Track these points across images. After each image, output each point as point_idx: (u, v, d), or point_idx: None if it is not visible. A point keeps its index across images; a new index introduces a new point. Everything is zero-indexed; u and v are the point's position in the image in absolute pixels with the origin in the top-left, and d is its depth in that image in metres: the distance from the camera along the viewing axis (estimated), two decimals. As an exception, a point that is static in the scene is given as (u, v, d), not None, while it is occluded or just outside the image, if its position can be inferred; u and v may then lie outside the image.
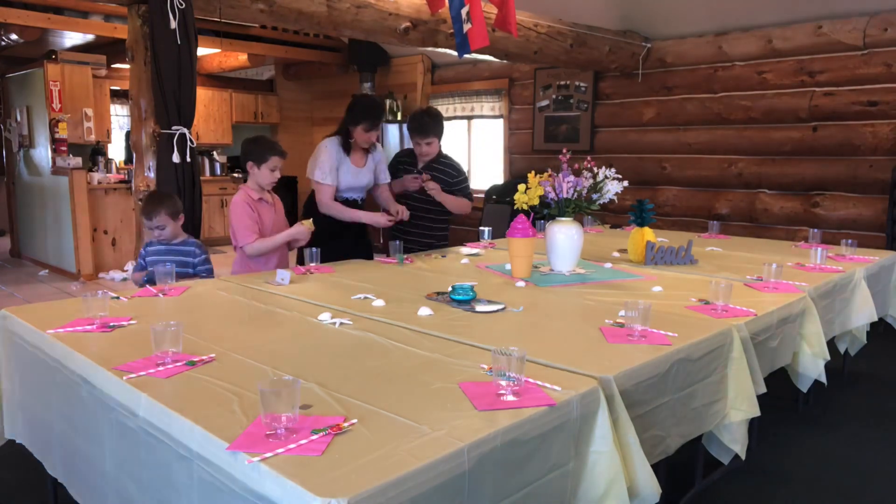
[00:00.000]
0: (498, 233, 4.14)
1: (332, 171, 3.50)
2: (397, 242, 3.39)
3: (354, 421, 1.35)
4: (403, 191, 3.89)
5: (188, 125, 3.38)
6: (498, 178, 7.72)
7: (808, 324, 2.64)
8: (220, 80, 9.22)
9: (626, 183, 3.06)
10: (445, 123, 9.52)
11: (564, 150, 3.09)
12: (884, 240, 4.98)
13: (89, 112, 7.36)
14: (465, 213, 4.01)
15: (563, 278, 2.90)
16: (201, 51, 7.11)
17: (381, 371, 1.69)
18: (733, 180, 5.86)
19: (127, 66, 3.54)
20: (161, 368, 1.67)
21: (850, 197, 5.25)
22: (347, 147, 3.56)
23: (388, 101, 8.05)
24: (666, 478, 2.00)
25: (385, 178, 3.79)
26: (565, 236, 2.96)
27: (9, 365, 2.24)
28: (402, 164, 3.99)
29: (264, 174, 3.24)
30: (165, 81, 3.26)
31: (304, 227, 3.21)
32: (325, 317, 2.18)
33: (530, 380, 1.56)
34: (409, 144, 8.16)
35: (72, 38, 7.06)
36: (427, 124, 3.80)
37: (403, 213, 3.59)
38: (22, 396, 2.17)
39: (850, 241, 3.59)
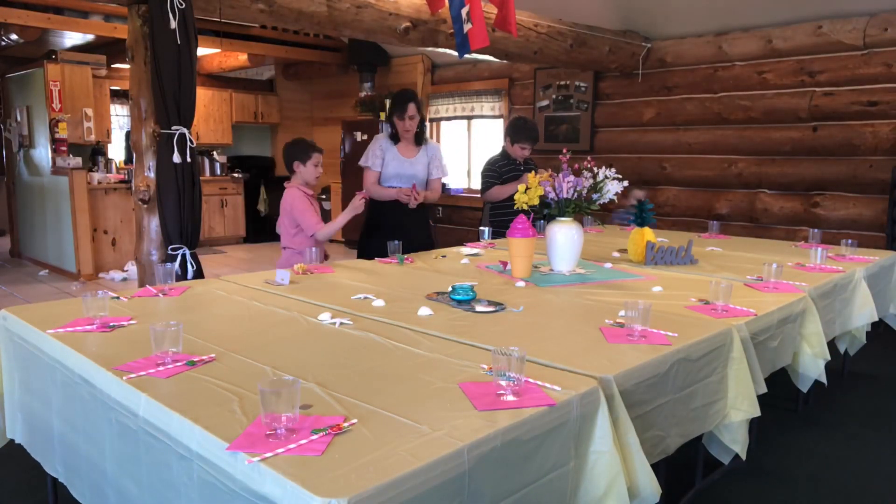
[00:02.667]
0: (498, 233, 4.14)
1: (374, 157, 3.87)
2: (396, 242, 3.39)
3: (354, 421, 1.35)
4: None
5: (188, 125, 3.38)
6: (498, 178, 7.71)
7: (809, 324, 2.64)
8: (220, 80, 9.22)
9: (626, 183, 3.05)
10: (445, 123, 9.49)
11: (564, 150, 3.09)
12: (884, 240, 4.98)
13: (89, 112, 7.36)
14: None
15: (563, 278, 2.90)
16: (201, 51, 7.11)
17: (381, 371, 1.69)
18: (733, 180, 5.86)
19: (127, 66, 3.54)
20: (161, 368, 1.67)
21: (850, 197, 5.25)
22: (395, 138, 3.90)
23: (387, 101, 8.04)
24: (666, 478, 2.00)
25: (438, 173, 4.01)
26: (565, 236, 2.96)
27: (9, 365, 2.24)
28: (505, 169, 4.35)
29: (310, 170, 3.54)
30: (165, 81, 3.26)
31: (358, 197, 3.50)
32: (325, 317, 2.18)
33: (530, 380, 1.56)
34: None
35: (72, 38, 7.06)
36: (534, 133, 4.40)
37: (419, 195, 3.79)
38: (21, 397, 2.17)
39: (850, 240, 3.59)
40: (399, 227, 3.77)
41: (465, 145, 8.22)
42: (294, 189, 3.54)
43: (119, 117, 8.58)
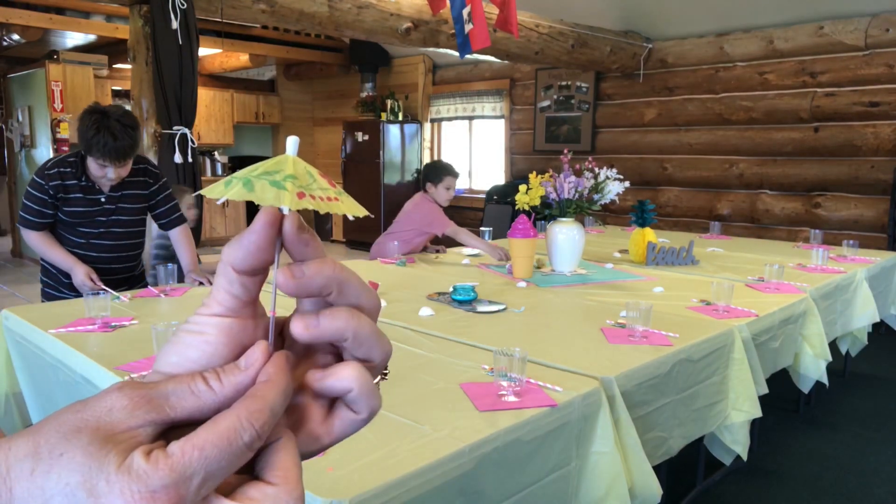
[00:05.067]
0: (499, 233, 4.14)
1: None
2: (396, 243, 3.38)
3: (356, 421, 1.35)
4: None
5: (189, 125, 3.39)
6: (499, 178, 7.72)
7: (810, 325, 2.64)
8: (222, 81, 9.23)
9: (627, 183, 3.06)
10: (446, 124, 9.33)
11: (566, 151, 3.09)
12: (885, 240, 4.97)
13: (91, 112, 7.36)
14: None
15: (564, 279, 2.90)
16: (202, 51, 7.11)
17: (383, 371, 1.69)
18: (734, 181, 5.85)
19: (128, 67, 3.54)
20: (162, 368, 1.67)
21: (852, 198, 5.24)
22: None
23: (388, 102, 8.06)
24: (667, 478, 2.00)
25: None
26: (566, 237, 2.96)
27: (19, 363, 2.24)
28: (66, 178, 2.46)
29: (440, 192, 3.64)
30: (167, 82, 3.27)
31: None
32: (326, 317, 2.18)
33: (531, 380, 1.56)
34: (409, 144, 8.21)
35: (73, 39, 7.06)
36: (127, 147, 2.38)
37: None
38: (32, 392, 2.17)
39: (851, 241, 3.59)
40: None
41: (467, 146, 8.22)
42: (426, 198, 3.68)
43: (120, 117, 8.58)
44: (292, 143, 0.34)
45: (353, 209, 0.34)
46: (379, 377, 0.38)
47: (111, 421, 0.28)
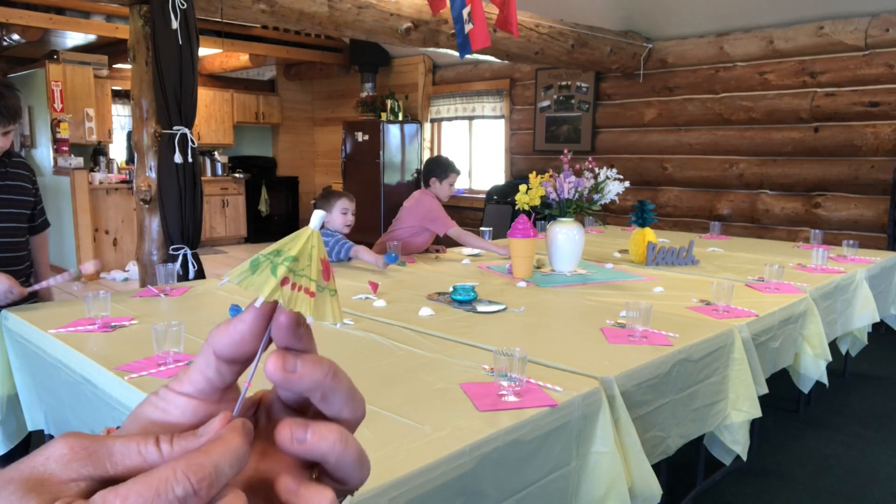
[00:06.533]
0: (499, 233, 4.14)
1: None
2: (395, 243, 3.38)
3: (356, 421, 1.35)
4: None
5: (189, 125, 3.38)
6: (499, 178, 7.72)
7: (810, 325, 2.64)
8: (222, 81, 9.23)
9: (627, 183, 3.06)
10: (446, 124, 9.34)
11: (566, 151, 3.09)
12: (885, 240, 4.97)
13: (91, 112, 7.37)
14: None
15: (564, 279, 2.90)
16: (203, 51, 7.11)
17: (383, 371, 1.69)
18: (734, 181, 5.85)
19: (128, 67, 3.54)
20: (163, 369, 1.67)
21: (852, 198, 5.24)
22: None
23: (388, 102, 8.05)
24: (667, 478, 2.00)
25: None
26: (566, 237, 2.96)
27: (19, 362, 2.24)
28: None
29: (444, 188, 3.70)
30: (167, 81, 3.26)
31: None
32: (326, 317, 2.18)
33: (532, 380, 1.56)
34: (409, 144, 8.21)
35: (73, 39, 7.06)
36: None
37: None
38: (38, 390, 2.17)
39: (851, 241, 3.59)
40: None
41: (467, 146, 8.22)
42: (429, 194, 3.71)
43: (120, 117, 8.58)
44: (317, 217, 0.33)
45: (323, 312, 0.31)
46: (345, 497, 0.36)
47: (44, 472, 0.27)
